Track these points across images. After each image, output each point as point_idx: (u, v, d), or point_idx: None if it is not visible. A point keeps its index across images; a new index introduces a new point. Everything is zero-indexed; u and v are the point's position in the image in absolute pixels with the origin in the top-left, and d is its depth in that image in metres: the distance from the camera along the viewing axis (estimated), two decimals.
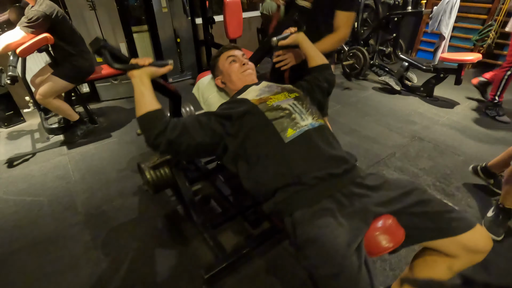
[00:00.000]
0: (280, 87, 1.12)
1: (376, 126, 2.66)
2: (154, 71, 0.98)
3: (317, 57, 1.25)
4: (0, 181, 2.05)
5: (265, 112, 0.98)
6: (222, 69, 1.23)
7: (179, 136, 0.91)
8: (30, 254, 1.52)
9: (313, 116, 1.02)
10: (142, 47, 3.39)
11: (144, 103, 0.92)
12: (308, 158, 0.92)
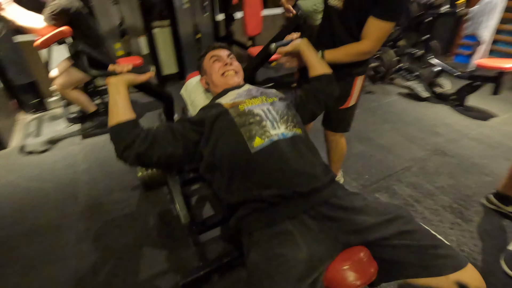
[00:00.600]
0: (260, 91, 1.04)
1: (395, 135, 2.46)
2: (132, 79, 0.94)
3: (319, 66, 1.13)
4: (16, 166, 2.18)
5: (235, 118, 0.91)
6: (206, 69, 1.16)
7: (149, 148, 0.86)
8: (27, 240, 1.58)
9: (288, 124, 0.93)
10: (163, 42, 3.43)
11: (116, 113, 0.87)
12: (273, 172, 0.82)
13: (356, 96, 1.45)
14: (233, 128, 0.89)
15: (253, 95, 1.00)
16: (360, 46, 1.17)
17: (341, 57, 1.22)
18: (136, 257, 1.47)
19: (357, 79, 1.38)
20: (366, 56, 1.22)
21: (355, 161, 2.13)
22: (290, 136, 0.89)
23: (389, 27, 1.11)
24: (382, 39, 1.15)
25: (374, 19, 1.10)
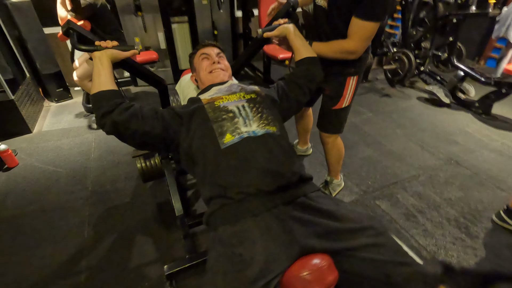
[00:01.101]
0: (241, 87, 1.04)
1: (407, 141, 2.35)
2: (116, 53, 0.98)
3: (303, 49, 1.15)
4: (36, 149, 2.34)
5: (209, 113, 0.92)
6: (195, 67, 1.19)
7: (127, 120, 0.88)
8: (37, 219, 1.70)
9: (261, 122, 0.92)
10: (181, 37, 3.51)
11: (99, 82, 0.91)
12: (239, 169, 0.83)
13: (350, 97, 1.42)
14: (207, 123, 0.90)
15: (232, 91, 1.01)
16: (345, 43, 1.19)
17: (325, 51, 1.23)
18: (131, 244, 1.54)
19: (350, 80, 1.36)
20: (351, 55, 1.21)
21: (359, 166, 2.07)
22: (261, 134, 0.89)
23: (372, 27, 1.12)
24: (366, 39, 1.16)
25: (356, 19, 1.12)
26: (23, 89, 2.62)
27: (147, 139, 0.92)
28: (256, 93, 1.02)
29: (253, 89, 1.05)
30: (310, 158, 2.17)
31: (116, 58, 0.99)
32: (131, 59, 1.13)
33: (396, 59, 3.05)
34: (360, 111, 2.83)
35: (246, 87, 1.04)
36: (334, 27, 1.23)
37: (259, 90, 1.05)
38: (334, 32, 1.23)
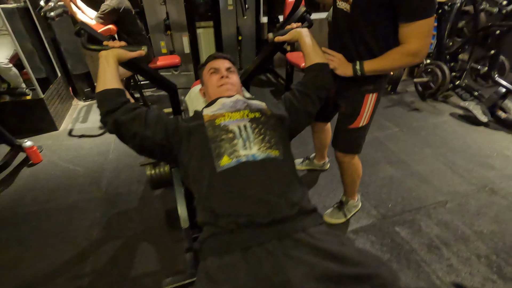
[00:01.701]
0: (246, 104, 0.98)
1: (435, 162, 2.17)
2: (122, 53, 0.98)
3: (312, 55, 1.11)
4: (60, 147, 2.43)
5: (209, 131, 0.87)
6: (204, 80, 1.15)
7: (130, 121, 0.87)
8: (50, 218, 1.75)
9: (263, 144, 0.85)
10: (206, 42, 3.53)
11: (103, 80, 0.92)
12: (233, 196, 0.77)
13: (368, 116, 1.31)
14: (205, 143, 0.86)
15: (236, 107, 0.96)
16: (404, 48, 1.05)
17: (384, 65, 1.12)
18: (136, 252, 1.53)
19: (368, 97, 1.25)
20: (416, 58, 1.06)
21: (380, 186, 1.93)
22: (261, 159, 0.82)
23: (426, 24, 0.98)
24: (426, 36, 1.02)
25: (405, 23, 0.99)
26: (53, 88, 2.75)
27: (146, 144, 0.91)
28: (261, 112, 0.95)
29: (258, 106, 0.98)
30: (326, 173, 2.06)
31: (122, 58, 0.99)
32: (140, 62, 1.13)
33: (428, 71, 2.85)
34: (385, 125, 2.66)
35: (251, 104, 0.98)
36: (356, 35, 1.13)
37: (265, 108, 0.99)
38: (355, 41, 1.14)
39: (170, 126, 0.93)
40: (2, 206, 1.83)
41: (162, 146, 0.91)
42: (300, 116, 1.06)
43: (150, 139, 0.89)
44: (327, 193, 1.89)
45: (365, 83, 1.23)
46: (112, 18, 2.30)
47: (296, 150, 2.18)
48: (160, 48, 3.23)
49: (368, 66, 1.13)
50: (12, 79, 2.55)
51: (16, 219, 1.74)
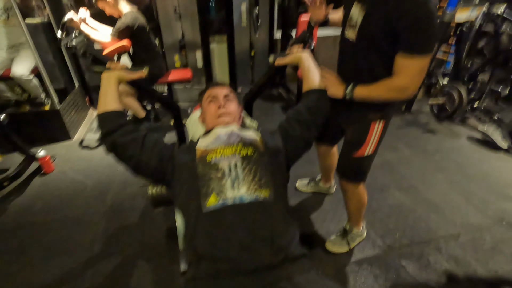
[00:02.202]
0: (241, 137, 0.96)
1: (449, 190, 2.06)
2: (124, 75, 1.02)
3: (310, 80, 1.11)
4: (72, 157, 2.50)
5: (198, 168, 0.87)
6: (203, 107, 1.15)
7: (127, 143, 0.91)
8: (55, 229, 1.79)
9: (252, 185, 0.83)
10: (219, 56, 3.58)
11: (104, 102, 0.95)
12: (216, 241, 0.75)
13: (374, 145, 1.27)
14: (194, 180, 0.86)
15: (230, 142, 0.94)
16: (393, 81, 1.04)
17: (372, 94, 1.11)
18: (133, 270, 1.53)
19: (374, 125, 1.21)
20: (403, 93, 1.05)
21: (388, 214, 1.85)
22: (248, 202, 0.80)
23: (420, 61, 0.97)
24: (417, 74, 1.01)
25: (401, 55, 0.98)
26: (69, 99, 2.85)
27: (141, 167, 0.94)
28: (254, 147, 0.94)
29: (252, 141, 0.97)
30: (332, 197, 2.00)
31: (123, 79, 1.03)
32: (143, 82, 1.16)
33: (444, 93, 2.75)
34: (397, 147, 2.57)
35: (245, 138, 0.97)
36: (361, 64, 1.11)
37: (259, 142, 0.97)
38: (360, 70, 1.12)
39: (165, 154, 0.95)
40: (11, 215, 1.89)
41: (156, 171, 0.94)
42: (297, 144, 1.05)
43: (144, 163, 0.92)
44: (331, 218, 1.83)
45: (372, 111, 1.20)
46: (126, 35, 2.37)
47: (301, 169, 2.13)
48: (174, 62, 3.30)
49: (358, 92, 1.12)
50: (32, 90, 2.67)
51: (24, 229, 1.79)
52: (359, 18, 1.06)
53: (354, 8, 1.10)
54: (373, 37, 1.03)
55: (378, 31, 1.01)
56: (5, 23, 2.52)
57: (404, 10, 0.92)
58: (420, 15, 0.90)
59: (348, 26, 1.14)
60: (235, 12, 3.22)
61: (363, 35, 1.07)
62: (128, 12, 2.37)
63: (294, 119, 1.06)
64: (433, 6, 0.90)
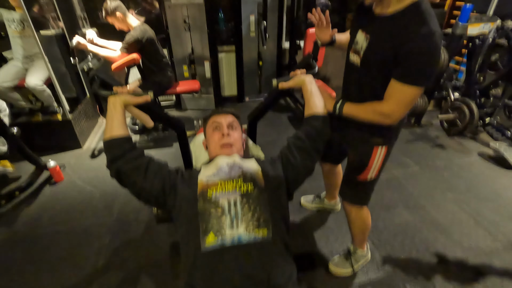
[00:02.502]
0: (242, 170, 0.96)
1: (457, 210, 2.01)
2: (129, 99, 1.03)
3: (312, 104, 1.11)
4: (81, 167, 2.56)
5: (199, 203, 0.87)
6: (206, 133, 1.16)
7: (131, 170, 0.93)
8: (62, 240, 1.82)
9: (251, 223, 0.84)
10: (227, 66, 3.61)
11: (111, 127, 0.97)
12: (214, 281, 0.76)
13: (377, 169, 1.26)
14: (194, 215, 0.86)
15: (231, 175, 0.95)
16: (378, 105, 1.05)
17: (358, 113, 1.13)
18: (138, 285, 1.55)
19: (377, 150, 1.21)
20: (386, 118, 1.05)
21: (393, 234, 1.82)
22: (246, 243, 0.81)
23: (411, 92, 0.96)
24: (405, 104, 1.00)
25: (394, 81, 0.98)
26: (80, 108, 2.92)
27: (143, 194, 0.96)
28: (254, 183, 0.94)
29: (253, 174, 0.96)
30: (337, 215, 1.98)
31: (129, 103, 1.05)
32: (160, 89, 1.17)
33: (455, 107, 2.69)
34: (405, 162, 2.53)
35: (247, 170, 0.97)
36: (365, 87, 1.12)
37: (259, 175, 0.97)
38: (363, 93, 1.12)
39: (167, 183, 0.96)
40: (21, 225, 1.94)
41: (157, 199, 0.95)
42: (298, 171, 1.05)
43: (147, 190, 0.94)
44: (335, 238, 1.81)
45: (374, 135, 1.19)
46: (136, 48, 2.42)
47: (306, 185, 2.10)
48: (182, 72, 3.34)
49: (346, 108, 1.14)
50: (45, 99, 2.75)
51: (32, 240, 1.83)
52: (364, 45, 1.07)
53: (359, 35, 1.10)
54: (376, 65, 1.04)
55: (381, 59, 1.01)
56: (21, 33, 2.61)
57: (407, 38, 0.91)
58: (421, 47, 0.89)
59: (353, 51, 1.14)
60: (244, 23, 3.25)
61: (367, 62, 1.07)
62: (137, 26, 2.42)
63: (296, 146, 1.06)
64: (438, 40, 0.89)
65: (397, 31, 0.94)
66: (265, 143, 2.70)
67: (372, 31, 1.04)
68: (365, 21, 1.09)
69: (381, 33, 1.00)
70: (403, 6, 0.95)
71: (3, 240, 1.83)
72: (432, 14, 0.93)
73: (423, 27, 0.89)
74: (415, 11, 0.92)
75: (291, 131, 3.11)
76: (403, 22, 0.93)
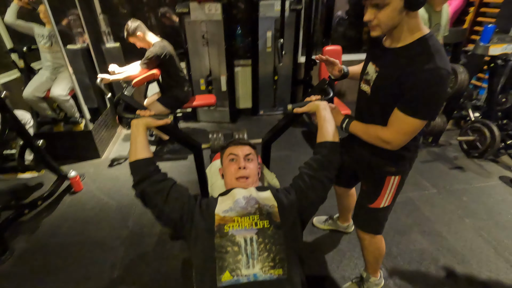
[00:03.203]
0: (258, 206, 0.98)
1: (477, 238, 1.94)
2: (151, 122, 1.09)
3: (325, 131, 1.13)
4: (100, 176, 2.64)
5: (216, 238, 0.89)
6: (223, 163, 1.18)
7: (154, 193, 0.98)
8: (79, 251, 1.88)
9: (266, 263, 0.84)
10: (243, 79, 3.66)
11: (135, 150, 1.03)
12: None
13: (390, 198, 1.26)
14: (211, 250, 0.88)
15: (248, 210, 0.96)
16: (380, 130, 1.08)
17: (360, 133, 1.16)
18: None
19: (390, 179, 1.21)
20: (385, 144, 1.08)
21: (408, 261, 1.77)
22: (261, 281, 0.81)
23: (413, 123, 0.98)
24: (405, 133, 1.02)
25: (397, 111, 1.00)
26: (101, 119, 3.03)
27: (163, 217, 1.00)
28: (271, 220, 0.95)
29: (269, 210, 0.98)
30: (349, 237, 1.95)
31: (151, 126, 1.11)
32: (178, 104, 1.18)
33: (474, 129, 2.62)
34: (422, 184, 2.47)
35: (263, 205, 0.98)
36: (374, 115, 1.13)
37: (276, 212, 0.98)
38: (374, 120, 1.14)
39: (186, 211, 0.99)
40: (42, 234, 2.02)
41: (175, 224, 0.99)
42: (312, 201, 1.05)
43: (166, 214, 0.98)
44: (347, 262, 1.79)
45: (387, 164, 1.20)
46: (155, 63, 2.50)
47: None
48: (199, 86, 3.42)
49: (352, 126, 1.18)
50: (67, 109, 2.87)
51: (49, 250, 1.89)
52: (373, 76, 1.10)
53: (369, 66, 1.14)
54: (385, 95, 1.06)
55: (390, 92, 1.03)
56: (49, 49, 2.77)
57: (412, 72, 0.93)
58: (425, 81, 0.91)
59: (364, 81, 1.18)
60: (261, 39, 3.30)
61: (376, 92, 1.10)
62: (157, 42, 2.51)
63: (308, 175, 1.07)
64: (444, 75, 0.90)
65: (404, 63, 0.96)
66: (279, 158, 2.71)
67: (381, 64, 1.07)
68: (376, 53, 1.13)
69: (390, 66, 1.03)
70: (412, 40, 0.97)
71: (24, 248, 1.91)
72: (439, 49, 0.94)
73: (429, 62, 0.91)
74: (423, 46, 0.95)
75: (305, 146, 3.10)
76: (410, 56, 0.96)
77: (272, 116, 3.86)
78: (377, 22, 0.95)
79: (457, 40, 2.84)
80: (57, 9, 2.85)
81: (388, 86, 1.02)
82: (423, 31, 0.97)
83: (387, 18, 0.92)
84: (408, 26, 0.96)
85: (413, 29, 0.96)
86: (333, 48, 3.02)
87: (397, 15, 0.91)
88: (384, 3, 0.89)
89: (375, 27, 0.97)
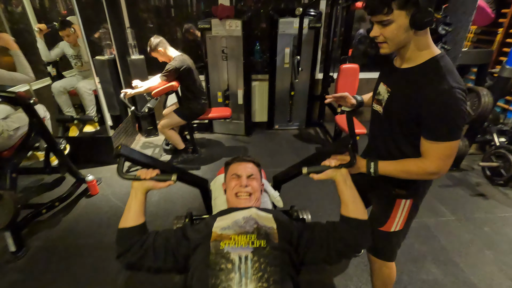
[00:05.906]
0: (256, 225, 0.97)
1: (497, 272, 1.81)
2: (153, 185, 1.03)
3: (352, 206, 0.99)
4: (115, 181, 2.73)
5: (211, 255, 0.89)
6: (226, 179, 1.20)
7: (141, 258, 0.93)
8: (89, 255, 1.94)
9: (259, 284, 0.83)
10: (259, 93, 3.73)
11: (126, 217, 1.00)
12: None
13: (401, 222, 1.21)
14: (205, 266, 0.88)
15: (246, 229, 0.96)
16: (421, 164, 1.00)
17: (395, 173, 1.06)
18: None
19: (400, 203, 1.16)
20: (433, 175, 1.01)
21: None
22: None
23: (448, 146, 0.94)
24: (446, 157, 0.96)
25: (425, 141, 0.96)
26: (122, 126, 3.17)
27: (161, 272, 0.97)
28: (268, 239, 0.94)
29: (268, 231, 0.97)
30: (357, 260, 1.88)
31: (152, 189, 1.04)
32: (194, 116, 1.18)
33: (497, 156, 2.48)
34: (439, 210, 2.36)
35: (262, 226, 0.98)
36: (388, 134, 1.11)
37: (274, 232, 0.96)
38: (387, 140, 1.12)
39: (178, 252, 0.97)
40: (57, 234, 2.11)
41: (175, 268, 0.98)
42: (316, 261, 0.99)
43: (162, 268, 0.96)
44: (355, 287, 1.72)
45: (397, 187, 1.15)
46: (174, 76, 2.61)
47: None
48: (217, 98, 3.50)
49: (382, 168, 1.07)
50: (87, 103, 3.12)
51: (65, 249, 1.97)
52: (385, 96, 1.09)
53: (381, 87, 1.13)
54: (397, 115, 1.04)
55: (402, 112, 1.01)
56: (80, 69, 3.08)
57: (425, 97, 0.91)
58: (442, 104, 0.88)
59: (376, 100, 1.16)
60: (279, 55, 3.36)
61: (388, 113, 1.08)
62: (177, 56, 2.62)
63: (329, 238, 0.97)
64: (457, 92, 0.87)
65: (416, 86, 0.95)
66: None
67: (392, 84, 1.06)
68: (387, 73, 1.12)
69: (401, 87, 1.01)
70: (422, 61, 0.95)
71: (40, 247, 1.99)
72: (451, 69, 0.92)
73: (441, 84, 0.89)
74: (434, 67, 0.93)
75: None
76: (422, 79, 0.94)
77: (287, 130, 3.86)
78: (383, 39, 0.95)
79: (482, 61, 2.76)
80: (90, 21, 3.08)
81: (399, 107, 1.01)
82: (434, 51, 0.95)
83: (392, 35, 0.92)
84: (417, 45, 0.95)
85: (423, 48, 0.95)
86: (350, 66, 3.02)
87: (403, 33, 0.91)
88: (388, 21, 0.89)
89: (383, 44, 0.97)
